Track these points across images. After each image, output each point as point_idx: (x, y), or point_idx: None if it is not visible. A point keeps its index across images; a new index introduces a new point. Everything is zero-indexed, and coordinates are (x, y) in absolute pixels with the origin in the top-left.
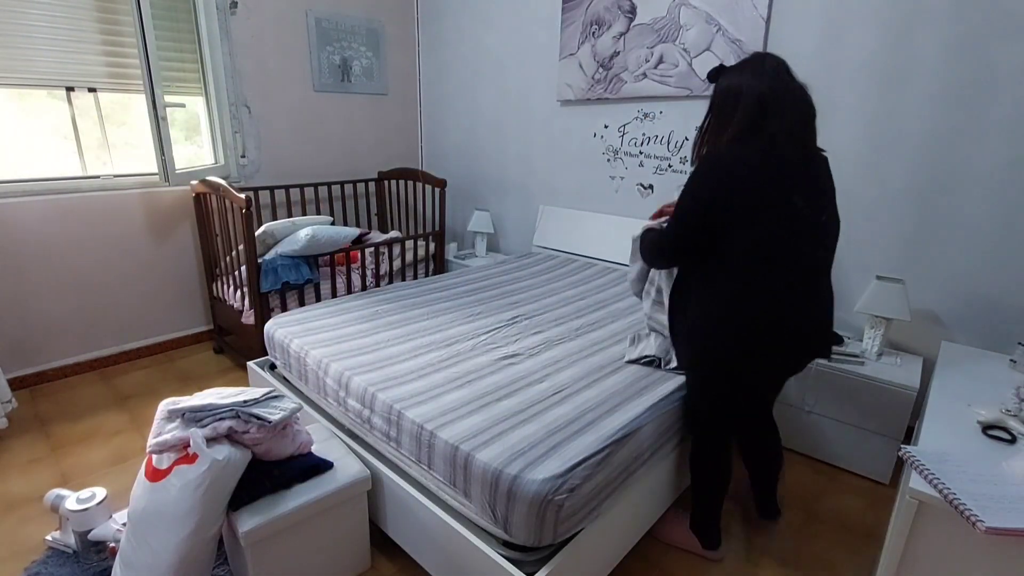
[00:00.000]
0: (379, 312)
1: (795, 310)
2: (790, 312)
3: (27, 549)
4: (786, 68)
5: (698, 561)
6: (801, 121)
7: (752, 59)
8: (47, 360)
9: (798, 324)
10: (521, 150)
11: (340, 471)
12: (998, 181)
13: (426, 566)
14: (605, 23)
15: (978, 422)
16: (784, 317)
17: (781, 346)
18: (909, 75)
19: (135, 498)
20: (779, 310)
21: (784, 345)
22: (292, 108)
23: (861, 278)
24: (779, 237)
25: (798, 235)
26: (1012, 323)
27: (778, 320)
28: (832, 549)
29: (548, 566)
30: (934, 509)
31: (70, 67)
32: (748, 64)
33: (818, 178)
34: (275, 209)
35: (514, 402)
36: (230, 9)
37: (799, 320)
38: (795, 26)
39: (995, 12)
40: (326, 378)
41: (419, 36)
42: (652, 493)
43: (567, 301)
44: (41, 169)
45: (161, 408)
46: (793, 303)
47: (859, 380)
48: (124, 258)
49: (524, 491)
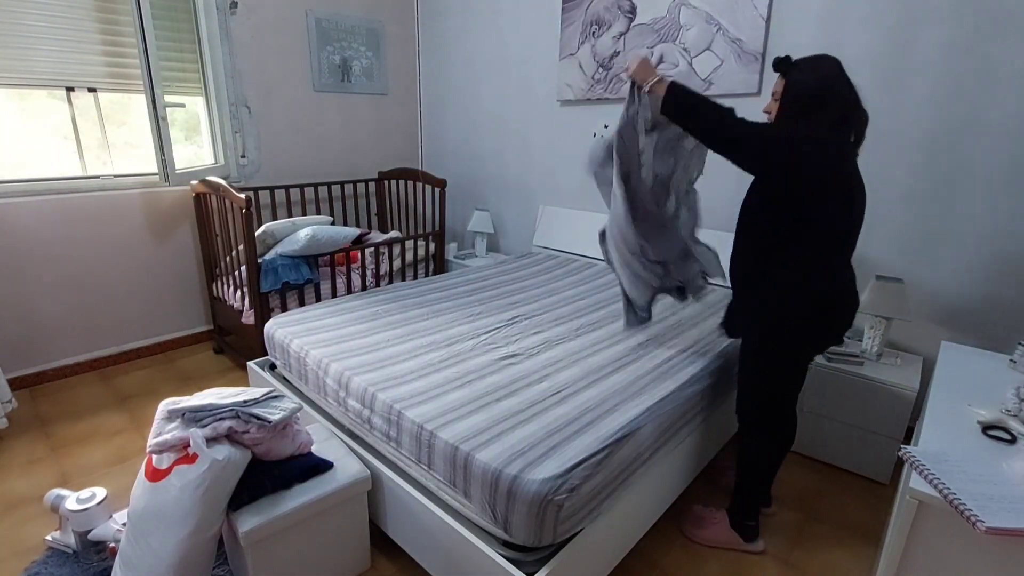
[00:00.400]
0: (379, 312)
1: (850, 289)
2: (849, 290)
3: (27, 549)
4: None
5: (697, 561)
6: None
7: (822, 64)
8: (47, 360)
9: (851, 299)
10: (521, 150)
11: (340, 471)
12: (998, 181)
13: (426, 566)
14: (605, 23)
15: (978, 422)
16: (845, 294)
17: (842, 325)
18: (909, 75)
19: (135, 498)
20: (841, 288)
21: (840, 319)
22: (292, 108)
23: (861, 278)
24: (847, 225)
25: (856, 224)
26: (1012, 323)
27: (845, 301)
28: (832, 549)
29: (548, 566)
30: (934, 509)
31: (70, 67)
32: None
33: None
34: (275, 209)
35: (514, 402)
36: (230, 9)
37: (851, 296)
38: (795, 26)
39: (995, 12)
40: (326, 378)
41: (419, 36)
42: (652, 493)
43: (567, 301)
44: (41, 169)
45: (161, 408)
46: (849, 282)
47: (859, 380)
48: (124, 258)
49: (524, 491)
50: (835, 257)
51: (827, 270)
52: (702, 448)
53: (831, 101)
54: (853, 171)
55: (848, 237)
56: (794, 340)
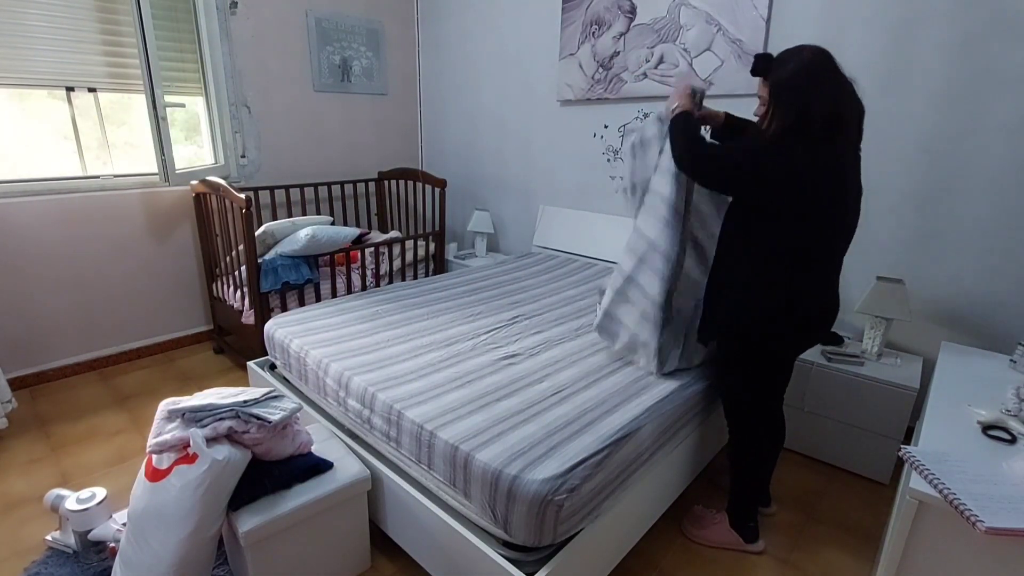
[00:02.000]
0: (379, 312)
1: (830, 297)
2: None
3: (27, 549)
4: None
5: (697, 561)
6: (859, 124)
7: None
8: (47, 360)
9: (830, 308)
10: (521, 150)
11: (340, 471)
12: (998, 182)
13: (426, 566)
14: (605, 23)
15: (978, 422)
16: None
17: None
18: (909, 76)
19: (135, 498)
20: (823, 296)
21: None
22: (292, 108)
23: (861, 278)
24: (828, 237)
25: (839, 236)
26: (1012, 323)
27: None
28: (832, 549)
29: (548, 566)
30: (934, 509)
31: (70, 67)
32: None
33: (857, 180)
34: (275, 209)
35: (514, 402)
36: (230, 9)
37: (830, 305)
38: (795, 26)
39: (996, 13)
40: (326, 378)
41: (419, 36)
42: (652, 493)
43: (567, 301)
44: (41, 169)
45: (161, 408)
46: (828, 291)
47: (859, 380)
48: (124, 258)
49: (524, 491)
50: (813, 270)
51: (802, 284)
52: (702, 448)
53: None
54: (842, 185)
55: (831, 251)
56: (762, 343)
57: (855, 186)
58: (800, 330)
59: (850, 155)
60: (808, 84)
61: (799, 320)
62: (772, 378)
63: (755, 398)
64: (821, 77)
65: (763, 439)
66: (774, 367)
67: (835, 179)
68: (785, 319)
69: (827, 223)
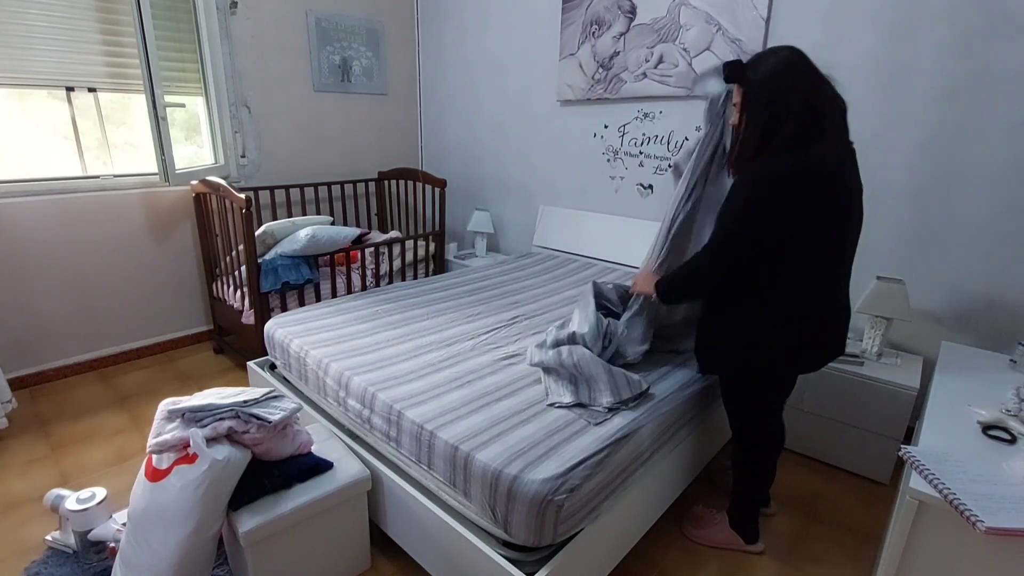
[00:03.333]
0: (379, 312)
1: (835, 310)
2: (831, 312)
3: (27, 549)
4: (810, 62)
5: (697, 561)
6: (842, 120)
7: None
8: (47, 360)
9: (836, 321)
10: (521, 150)
11: (340, 471)
12: (998, 181)
13: (426, 566)
14: (605, 23)
15: (978, 422)
16: (827, 318)
17: (823, 345)
18: (909, 75)
19: (135, 498)
20: (823, 313)
21: (823, 343)
22: (292, 108)
23: (861, 278)
24: (831, 245)
25: (845, 238)
26: (1012, 323)
27: (821, 322)
28: (832, 549)
29: (548, 566)
30: (934, 509)
31: (70, 67)
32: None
33: (856, 176)
34: (275, 209)
35: (514, 402)
36: (230, 9)
37: (837, 318)
38: (795, 26)
39: (995, 12)
40: (326, 378)
41: (419, 36)
42: (652, 493)
43: (567, 301)
44: (41, 169)
45: (161, 408)
46: (834, 303)
47: (859, 380)
48: (124, 258)
49: (524, 491)
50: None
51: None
52: (702, 448)
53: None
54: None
55: (834, 258)
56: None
57: (856, 183)
58: (796, 355)
59: (843, 149)
60: (783, 82)
61: (796, 345)
62: (777, 398)
63: (759, 415)
64: (795, 74)
65: (768, 445)
66: (779, 389)
67: (833, 177)
68: (778, 346)
69: (832, 225)
